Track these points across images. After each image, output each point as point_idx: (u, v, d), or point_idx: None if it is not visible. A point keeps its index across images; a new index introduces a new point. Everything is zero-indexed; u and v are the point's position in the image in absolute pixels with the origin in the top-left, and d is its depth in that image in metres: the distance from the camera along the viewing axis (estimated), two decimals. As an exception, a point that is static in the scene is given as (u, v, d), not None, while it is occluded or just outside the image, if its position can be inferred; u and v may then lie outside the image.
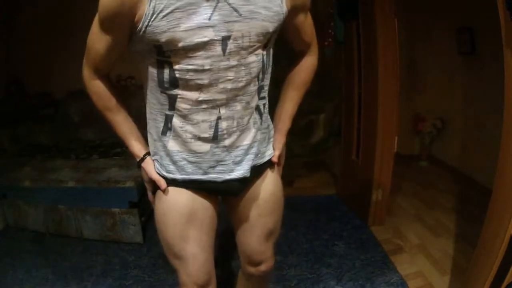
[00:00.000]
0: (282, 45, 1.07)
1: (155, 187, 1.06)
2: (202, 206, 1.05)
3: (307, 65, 1.13)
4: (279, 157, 1.14)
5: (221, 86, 0.89)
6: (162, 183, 1.02)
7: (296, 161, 3.42)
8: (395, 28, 2.13)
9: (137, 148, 1.06)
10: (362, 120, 2.47)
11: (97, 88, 0.99)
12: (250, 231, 1.16)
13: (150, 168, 1.04)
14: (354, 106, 2.54)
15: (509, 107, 1.26)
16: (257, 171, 1.07)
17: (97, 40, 0.90)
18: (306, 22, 1.04)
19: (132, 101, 1.23)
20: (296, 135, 3.27)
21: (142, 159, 1.06)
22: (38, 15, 3.18)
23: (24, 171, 2.51)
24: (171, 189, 1.03)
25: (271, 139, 1.12)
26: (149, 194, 1.11)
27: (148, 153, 1.07)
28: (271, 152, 1.11)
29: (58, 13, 3.15)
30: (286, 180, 1.30)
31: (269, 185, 1.12)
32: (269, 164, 1.11)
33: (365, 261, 2.07)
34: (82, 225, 2.36)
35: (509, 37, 1.20)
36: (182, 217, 1.02)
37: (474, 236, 1.61)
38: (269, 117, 1.11)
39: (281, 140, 1.14)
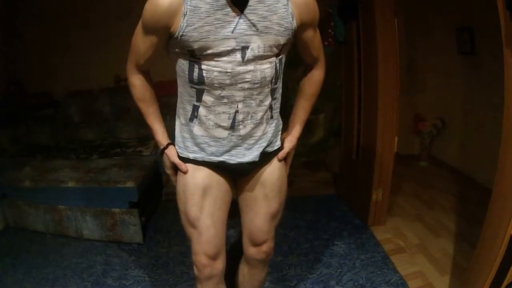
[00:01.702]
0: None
1: (176, 171, 1.24)
2: (217, 183, 1.21)
3: (315, 78, 1.30)
4: (288, 155, 1.30)
5: (240, 85, 1.06)
6: (184, 166, 1.20)
7: (296, 161, 3.42)
8: (395, 28, 2.13)
9: (163, 137, 1.24)
10: (362, 120, 2.47)
11: (136, 81, 1.18)
12: (256, 211, 1.29)
13: (174, 153, 1.22)
14: (354, 106, 2.54)
15: (509, 107, 1.26)
16: (266, 157, 1.23)
17: (139, 40, 1.08)
18: (315, 37, 1.20)
19: (132, 101, 1.23)
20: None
21: (166, 147, 1.24)
22: (39, 15, 3.18)
23: (24, 171, 2.51)
24: (192, 166, 1.19)
25: (280, 132, 1.28)
26: (172, 178, 1.28)
27: (170, 143, 1.24)
28: (279, 143, 1.28)
29: (58, 13, 3.15)
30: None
31: (277, 170, 1.27)
32: (277, 153, 1.27)
33: (365, 261, 2.07)
34: (82, 225, 2.36)
35: (509, 37, 1.20)
36: (199, 188, 1.18)
37: (474, 236, 1.61)
38: (279, 113, 1.26)
39: (292, 140, 1.31)
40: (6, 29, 3.20)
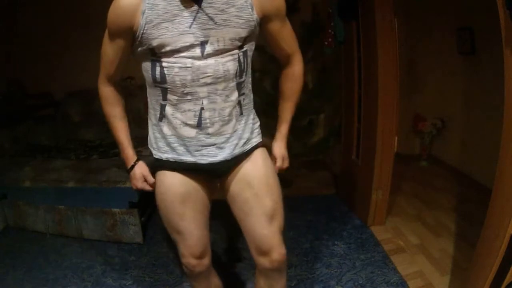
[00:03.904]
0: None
1: (145, 183, 1.26)
2: (194, 188, 1.21)
3: (293, 75, 1.26)
4: (283, 159, 1.32)
5: (202, 81, 1.05)
6: (150, 178, 1.24)
7: (296, 161, 3.42)
8: (395, 28, 2.13)
9: (131, 153, 1.26)
10: (362, 120, 2.47)
11: (107, 94, 1.19)
12: (250, 213, 1.23)
13: (145, 168, 1.26)
14: (354, 106, 2.54)
15: (509, 107, 1.26)
16: (243, 155, 1.21)
17: (107, 47, 1.09)
18: (283, 30, 1.16)
19: (132, 101, 1.24)
20: (296, 135, 3.27)
21: (135, 164, 1.26)
22: (39, 15, 3.18)
23: (24, 171, 2.51)
24: (168, 173, 1.20)
25: (256, 129, 1.26)
26: (146, 189, 1.27)
27: (139, 158, 1.27)
28: (257, 139, 1.25)
29: (58, 13, 3.15)
30: (286, 180, 1.33)
31: (261, 167, 1.23)
32: (257, 149, 1.24)
33: (365, 261, 2.07)
34: (82, 225, 2.36)
35: (509, 37, 1.20)
36: (178, 196, 1.19)
37: (474, 236, 1.61)
38: (253, 109, 1.24)
39: (280, 145, 1.32)
40: (7, 29, 3.20)
